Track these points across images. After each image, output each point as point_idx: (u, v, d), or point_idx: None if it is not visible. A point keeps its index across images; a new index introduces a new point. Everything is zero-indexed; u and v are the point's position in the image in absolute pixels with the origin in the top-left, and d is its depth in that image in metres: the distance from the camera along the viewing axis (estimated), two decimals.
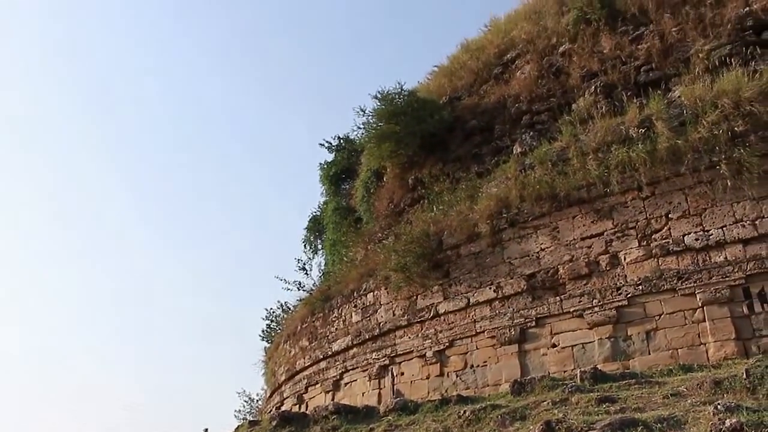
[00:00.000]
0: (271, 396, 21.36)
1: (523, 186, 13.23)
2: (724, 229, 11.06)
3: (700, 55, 13.63)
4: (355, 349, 15.65)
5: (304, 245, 25.52)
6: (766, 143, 11.01)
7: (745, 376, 7.51)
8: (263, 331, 24.81)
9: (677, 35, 14.49)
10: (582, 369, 9.82)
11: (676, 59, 14.10)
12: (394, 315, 14.78)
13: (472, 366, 12.93)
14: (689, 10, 14.72)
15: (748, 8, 13.94)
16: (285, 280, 22.47)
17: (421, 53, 63.25)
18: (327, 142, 24.83)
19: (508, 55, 17.73)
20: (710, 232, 11.16)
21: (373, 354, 14.84)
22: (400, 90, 17.32)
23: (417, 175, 17.20)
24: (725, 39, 13.67)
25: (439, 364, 13.41)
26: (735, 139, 11.19)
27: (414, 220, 15.69)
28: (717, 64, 13.06)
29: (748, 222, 10.92)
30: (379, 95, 17.27)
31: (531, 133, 15.28)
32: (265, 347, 23.83)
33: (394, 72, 64.71)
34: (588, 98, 14.55)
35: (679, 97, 12.78)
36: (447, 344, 13.32)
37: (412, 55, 66.23)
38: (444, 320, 13.66)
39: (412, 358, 13.97)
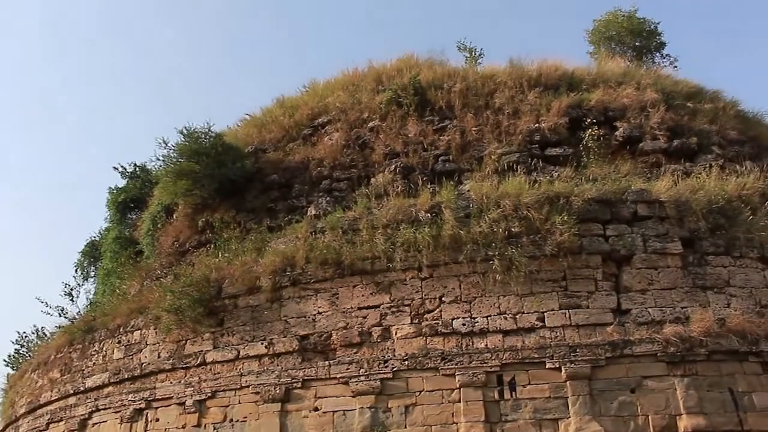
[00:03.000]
0: (4, 430, 19.39)
1: (311, 248, 13.41)
2: (489, 318, 11.95)
3: (493, 156, 14.96)
4: (111, 388, 14.71)
5: (76, 269, 23.88)
6: (536, 246, 12.16)
7: None
8: (10, 356, 22.59)
9: (476, 134, 15.80)
10: None
11: (472, 156, 15.33)
12: (159, 357, 14.18)
13: (231, 420, 12.61)
14: (489, 115, 16.22)
15: (538, 125, 15.68)
16: (46, 303, 20.71)
17: (237, 99, 62.88)
18: (122, 166, 23.73)
19: (320, 120, 18.17)
20: (476, 319, 11.99)
21: (130, 395, 14.04)
22: (207, 130, 17.05)
23: (208, 218, 16.88)
24: (515, 147, 15.18)
25: (198, 414, 12.94)
26: (510, 238, 12.26)
27: (197, 263, 15.31)
28: (505, 167, 14.45)
29: (510, 315, 11.92)
30: (185, 131, 16.89)
31: (328, 198, 15.63)
32: (8, 374, 21.69)
33: (207, 111, 63.46)
34: (387, 176, 15.26)
35: (468, 190, 13.78)
36: (209, 394, 12.94)
37: (227, 98, 65.66)
38: (210, 369, 13.31)
39: (170, 405, 13.38)
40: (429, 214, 13.05)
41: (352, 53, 67.24)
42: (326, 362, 12.32)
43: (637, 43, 23.86)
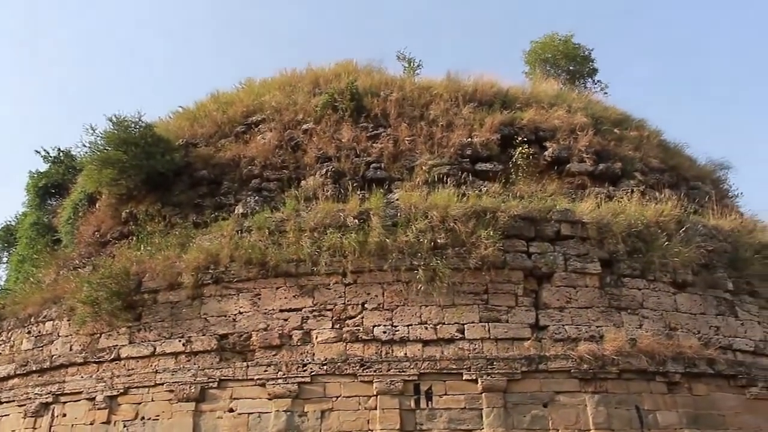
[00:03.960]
0: None
1: (237, 247, 13.26)
2: (410, 327, 12.05)
3: (424, 167, 15.10)
4: (16, 380, 14.16)
5: None
6: (460, 259, 12.35)
7: None
8: None
9: (409, 144, 15.92)
10: None
11: (403, 165, 15.44)
12: (71, 349, 13.75)
13: (143, 418, 12.30)
14: (423, 126, 16.38)
15: (470, 139, 15.92)
16: None
17: (170, 91, 61.59)
18: (44, 150, 22.93)
19: (254, 118, 18.00)
20: (398, 327, 12.07)
21: (37, 389, 13.52)
22: (138, 119, 16.65)
23: (133, 209, 16.47)
24: (447, 160, 15.37)
25: (108, 410, 12.55)
26: (435, 249, 12.42)
27: (118, 255, 14.91)
28: (435, 179, 14.60)
29: (431, 325, 12.05)
30: (114, 119, 16.46)
31: (257, 197, 15.47)
32: None
33: (139, 101, 62.03)
34: (318, 179, 15.21)
35: (397, 199, 13.89)
36: (121, 390, 12.59)
37: (159, 90, 64.28)
38: (124, 365, 12.98)
39: (80, 400, 12.95)
40: (357, 221, 13.09)
41: (292, 54, 66.80)
42: (244, 363, 12.18)
43: (571, 67, 24.60)
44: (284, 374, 11.82)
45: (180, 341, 12.77)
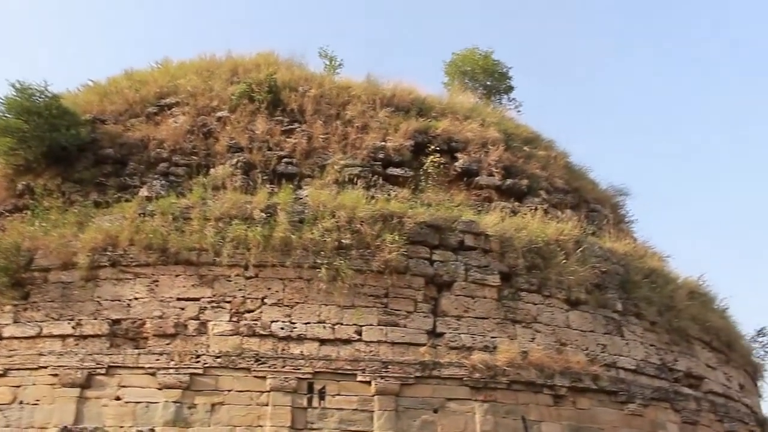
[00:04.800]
0: None
1: (138, 230, 12.87)
2: (308, 325, 12.05)
3: (336, 167, 15.09)
4: None
5: None
6: (364, 261, 12.45)
7: None
8: None
9: (323, 142, 15.89)
10: (139, 429, 9.63)
11: (315, 163, 15.38)
12: None
13: (21, 402, 11.69)
14: (339, 126, 16.38)
15: (384, 143, 16.02)
16: None
17: (81, 63, 59.18)
18: None
19: (168, 100, 17.52)
20: (296, 325, 12.04)
21: None
22: (44, 89, 15.93)
23: (30, 182, 15.72)
24: (359, 161, 15.42)
25: None
26: (340, 249, 12.46)
27: (9, 229, 14.20)
28: (346, 179, 14.65)
29: (329, 325, 12.09)
30: (18, 85, 15.72)
31: (163, 181, 15.04)
32: None
33: (46, 72, 59.33)
34: (227, 168, 14.93)
35: (306, 196, 13.85)
36: (0, 372, 12.03)
37: (69, 61, 61.71)
38: (6, 345, 12.36)
39: None
40: (264, 214, 12.97)
41: (213, 38, 65.44)
42: (136, 350, 11.83)
43: (488, 82, 25.06)
44: (176, 364, 11.55)
45: (69, 324, 12.29)
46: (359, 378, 11.62)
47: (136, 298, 12.42)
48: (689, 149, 60.24)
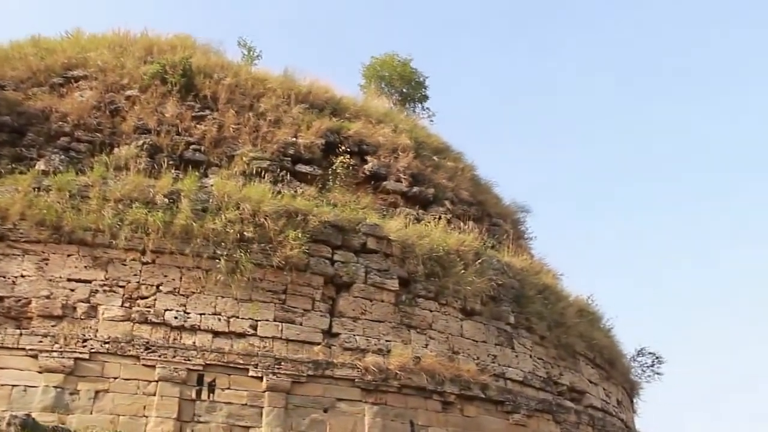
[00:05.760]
0: None
1: (30, 205, 12.27)
2: (203, 316, 11.86)
3: (244, 158, 14.92)
4: None
5: None
6: (264, 255, 12.38)
7: None
8: None
9: (233, 132, 15.67)
10: (14, 413, 9.19)
11: (224, 152, 15.16)
12: None
13: None
14: (251, 117, 16.19)
15: (295, 139, 15.95)
16: None
17: None
18: None
19: (75, 72, 16.83)
20: (190, 315, 11.83)
21: None
22: None
23: None
24: (268, 155, 15.30)
25: None
26: (241, 242, 12.33)
27: None
28: (254, 172, 14.50)
29: (224, 317, 11.94)
30: None
31: (63, 156, 14.41)
32: None
33: None
34: (132, 149, 14.47)
35: (212, 185, 13.61)
36: None
37: None
38: None
39: None
40: (166, 199, 12.70)
41: (129, 14, 63.23)
42: (17, 330, 11.26)
43: (404, 89, 25.36)
44: (61, 347, 11.07)
45: None
46: (251, 373, 11.51)
47: (23, 276, 11.85)
48: (597, 167, 62.12)
